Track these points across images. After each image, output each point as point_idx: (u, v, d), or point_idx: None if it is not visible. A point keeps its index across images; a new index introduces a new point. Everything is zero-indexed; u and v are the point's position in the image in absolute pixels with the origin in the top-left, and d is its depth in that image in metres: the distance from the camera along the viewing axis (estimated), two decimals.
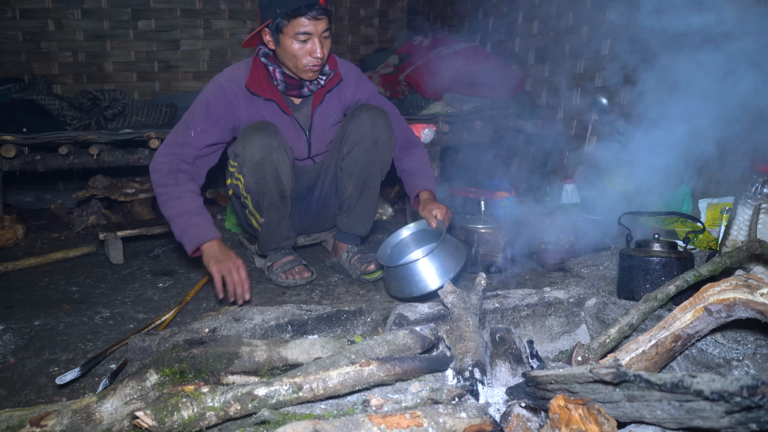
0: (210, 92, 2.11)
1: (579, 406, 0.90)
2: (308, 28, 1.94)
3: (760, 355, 1.27)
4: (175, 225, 1.99)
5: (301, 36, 1.95)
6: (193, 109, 2.10)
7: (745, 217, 1.89)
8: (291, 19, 1.93)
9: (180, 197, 1.99)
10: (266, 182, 2.08)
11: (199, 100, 2.11)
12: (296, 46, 1.97)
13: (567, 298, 1.71)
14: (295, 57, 1.99)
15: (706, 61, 2.69)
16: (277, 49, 2.03)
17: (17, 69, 4.31)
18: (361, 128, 2.18)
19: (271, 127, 2.07)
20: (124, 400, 1.15)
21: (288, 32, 1.95)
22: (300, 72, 2.05)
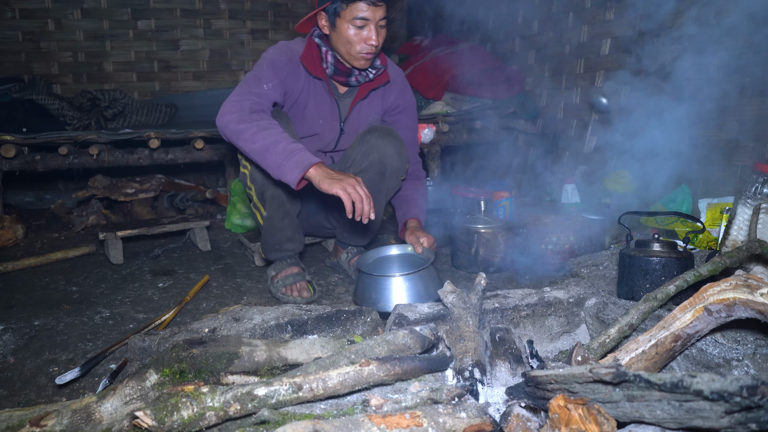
0: (276, 54, 2.03)
1: (579, 406, 0.90)
2: (366, 14, 1.92)
3: (760, 355, 1.27)
4: (272, 154, 1.76)
5: (358, 21, 1.93)
6: (261, 67, 1.99)
7: (745, 217, 1.88)
8: (350, 3, 1.91)
9: (271, 127, 1.82)
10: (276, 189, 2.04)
11: (264, 60, 2.01)
12: (352, 31, 1.95)
13: (567, 298, 1.71)
14: (349, 42, 1.97)
15: (706, 61, 2.69)
16: (332, 33, 2.01)
17: (17, 69, 4.31)
18: (369, 156, 2.09)
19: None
20: (124, 400, 1.15)
21: (345, 16, 1.93)
22: (352, 59, 2.02)
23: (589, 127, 3.49)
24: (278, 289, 2.18)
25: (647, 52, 3.04)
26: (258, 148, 1.78)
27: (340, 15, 1.94)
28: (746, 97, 2.57)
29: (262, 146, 1.78)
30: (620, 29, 3.25)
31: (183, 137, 3.43)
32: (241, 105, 1.86)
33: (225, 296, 2.23)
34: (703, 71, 2.74)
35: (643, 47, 3.06)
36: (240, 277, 2.46)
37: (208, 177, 4.52)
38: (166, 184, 3.69)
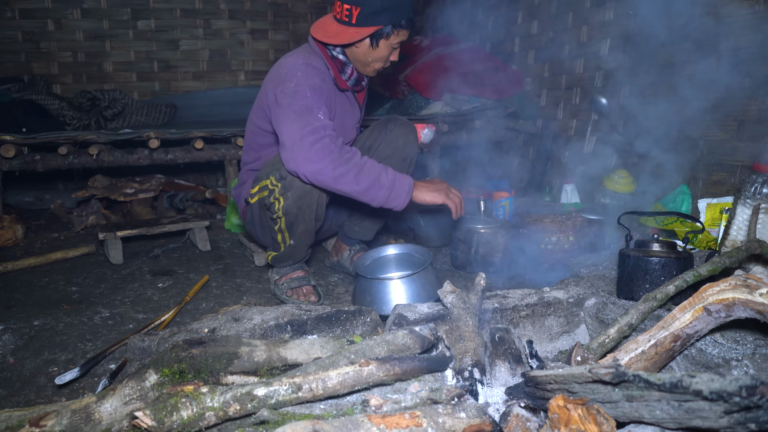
0: (310, 76, 1.92)
1: (578, 406, 0.90)
2: (406, 38, 2.01)
3: (759, 355, 1.27)
4: (380, 187, 1.85)
5: (397, 44, 2.01)
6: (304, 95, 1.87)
7: (744, 217, 1.89)
8: (401, 30, 1.96)
9: (366, 161, 1.85)
10: (309, 210, 2.00)
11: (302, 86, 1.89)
12: (388, 52, 2.01)
13: (566, 298, 1.71)
14: (378, 60, 2.03)
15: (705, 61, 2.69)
16: (367, 50, 2.00)
17: (17, 69, 4.31)
18: (393, 143, 2.19)
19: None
20: (124, 401, 1.15)
21: (392, 40, 1.97)
22: (369, 71, 2.08)
23: (588, 127, 3.49)
24: (283, 292, 2.17)
25: (647, 52, 3.04)
26: (362, 188, 1.83)
27: (389, 38, 1.96)
28: (746, 97, 2.57)
29: (366, 185, 1.83)
30: (620, 29, 3.25)
31: (183, 137, 3.43)
32: (325, 147, 1.79)
33: (225, 296, 2.23)
34: (703, 71, 2.74)
35: (642, 47, 3.06)
36: (240, 277, 2.46)
37: (208, 177, 4.52)
38: (166, 184, 3.69)
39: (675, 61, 2.86)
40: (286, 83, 1.90)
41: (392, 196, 1.86)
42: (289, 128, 1.82)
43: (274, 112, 1.93)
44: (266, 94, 2.02)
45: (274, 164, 2.00)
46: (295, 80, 1.89)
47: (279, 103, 1.89)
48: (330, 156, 1.78)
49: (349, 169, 1.80)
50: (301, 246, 2.12)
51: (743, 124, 2.59)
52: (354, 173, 1.81)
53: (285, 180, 1.94)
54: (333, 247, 2.60)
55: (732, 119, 2.64)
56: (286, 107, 1.86)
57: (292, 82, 1.89)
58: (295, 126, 1.82)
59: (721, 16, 2.65)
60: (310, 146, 1.79)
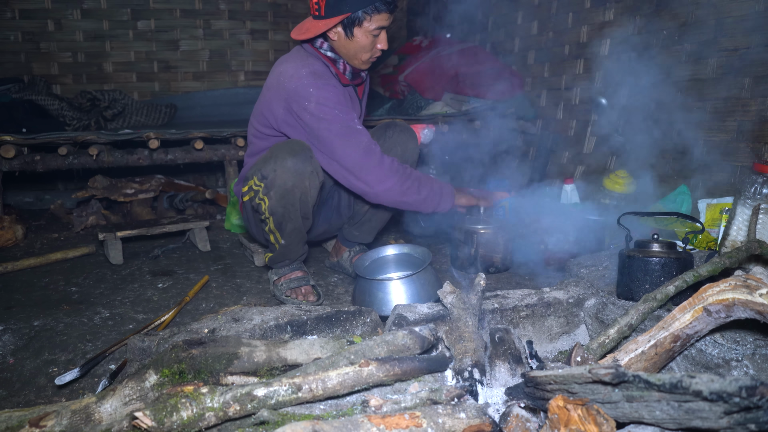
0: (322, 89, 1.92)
1: (578, 407, 0.90)
2: (385, 23, 1.92)
3: (759, 356, 1.27)
4: (432, 199, 2.04)
5: (376, 31, 1.92)
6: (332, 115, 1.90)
7: (744, 218, 1.89)
8: (374, 14, 1.89)
9: (420, 176, 2.02)
10: (294, 208, 1.99)
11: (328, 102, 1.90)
12: (368, 40, 1.94)
13: (566, 299, 1.71)
14: (363, 50, 1.97)
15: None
16: (345, 41, 1.96)
17: (17, 69, 4.32)
18: (393, 151, 2.19)
19: (306, 150, 1.96)
20: (124, 401, 1.15)
21: (367, 27, 1.91)
22: (359, 63, 2.03)
23: (588, 127, 3.49)
24: (282, 293, 2.17)
25: (647, 52, 3.04)
26: (423, 197, 2.01)
27: (361, 25, 1.91)
28: (746, 97, 2.57)
29: (425, 195, 2.01)
30: (620, 30, 3.25)
31: (183, 138, 3.43)
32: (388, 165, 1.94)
33: (224, 297, 2.23)
34: (702, 71, 2.74)
35: (642, 47, 3.06)
36: (239, 278, 2.46)
37: (208, 177, 4.52)
38: (166, 185, 3.69)
39: (675, 61, 2.86)
40: (304, 102, 1.91)
41: (443, 202, 2.06)
42: (343, 153, 1.91)
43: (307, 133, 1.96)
44: (270, 103, 2.02)
45: (257, 164, 2.01)
46: (313, 99, 1.90)
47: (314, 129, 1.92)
48: (397, 174, 1.94)
49: (413, 182, 1.97)
50: (293, 245, 2.12)
51: (743, 125, 2.59)
52: (417, 185, 1.99)
53: (267, 179, 1.95)
54: (333, 248, 2.60)
55: (732, 119, 2.65)
56: (325, 132, 1.91)
57: (311, 102, 1.90)
58: (348, 150, 1.91)
59: (722, 16, 2.65)
60: (377, 167, 1.92)
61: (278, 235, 2.08)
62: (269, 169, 1.93)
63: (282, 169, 1.91)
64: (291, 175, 1.91)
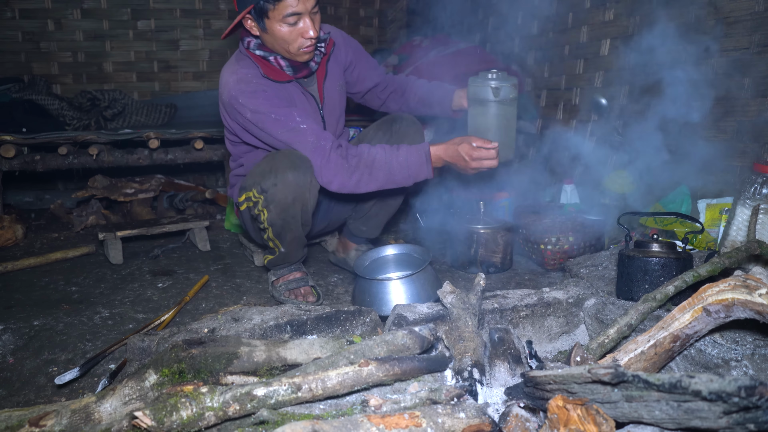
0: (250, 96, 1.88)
1: (577, 407, 0.90)
2: (297, 8, 1.77)
3: (759, 356, 1.27)
4: (398, 172, 1.88)
5: (290, 18, 1.79)
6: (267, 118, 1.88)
7: (744, 218, 1.89)
8: (277, 2, 1.75)
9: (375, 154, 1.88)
10: (294, 219, 1.97)
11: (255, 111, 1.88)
12: (285, 29, 1.81)
13: (566, 299, 1.71)
14: (286, 41, 1.84)
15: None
16: (264, 36, 1.87)
17: (17, 69, 4.31)
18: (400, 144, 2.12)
19: (306, 161, 1.90)
20: (123, 400, 1.15)
21: (275, 16, 1.78)
22: (294, 56, 1.91)
23: (588, 127, 3.49)
24: (281, 293, 2.17)
25: (646, 52, 3.04)
26: (382, 182, 1.89)
27: (269, 16, 1.79)
28: (745, 98, 2.57)
29: (384, 178, 1.88)
30: (620, 29, 3.25)
31: (183, 137, 3.43)
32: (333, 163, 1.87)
33: (224, 296, 2.23)
34: (702, 71, 2.74)
35: (642, 47, 3.06)
36: (239, 278, 2.46)
37: (208, 177, 4.52)
38: (166, 185, 3.69)
39: (675, 61, 2.86)
40: (239, 115, 1.92)
41: (413, 173, 1.88)
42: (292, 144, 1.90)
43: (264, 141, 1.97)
44: (224, 116, 2.05)
45: (255, 176, 1.95)
46: (247, 109, 1.88)
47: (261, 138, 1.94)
48: (341, 169, 1.86)
49: (362, 172, 1.86)
50: (293, 251, 2.12)
51: (743, 125, 2.59)
52: (368, 173, 1.87)
53: (267, 193, 1.91)
54: (338, 243, 2.57)
55: (731, 119, 2.65)
56: (269, 139, 1.92)
57: (246, 112, 1.89)
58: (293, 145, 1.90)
59: (722, 16, 2.65)
60: (324, 166, 1.87)
61: (278, 242, 2.07)
62: (269, 183, 1.89)
63: (283, 184, 1.87)
64: (292, 189, 1.88)
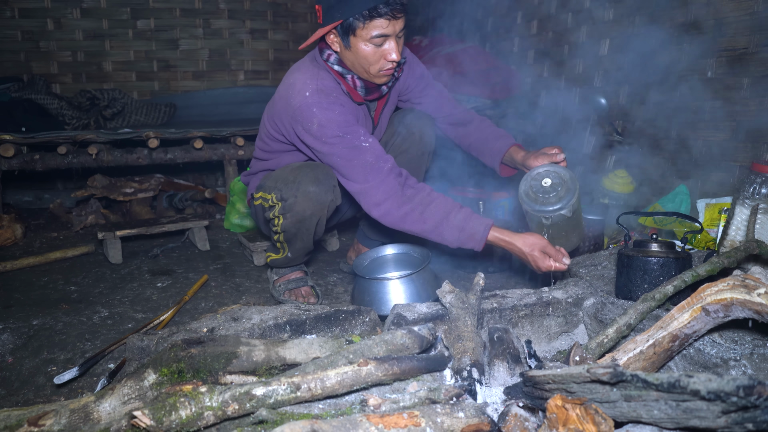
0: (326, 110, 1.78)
1: (576, 406, 0.90)
2: (386, 30, 1.70)
3: (758, 355, 1.27)
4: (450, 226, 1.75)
5: (377, 39, 1.72)
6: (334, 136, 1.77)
7: (743, 218, 1.89)
8: (367, 21, 1.68)
9: (435, 198, 1.77)
10: (308, 231, 1.97)
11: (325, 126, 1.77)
12: (370, 49, 1.75)
13: (565, 298, 1.71)
14: (368, 61, 1.78)
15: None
16: (345, 52, 1.81)
17: (16, 68, 4.31)
18: (410, 138, 2.11)
19: (330, 178, 1.88)
20: (122, 400, 1.15)
21: (362, 35, 1.71)
22: (372, 77, 1.84)
23: (587, 127, 3.49)
24: (280, 293, 2.17)
25: (646, 52, 3.04)
26: (429, 226, 1.76)
27: (356, 33, 1.72)
28: (745, 97, 2.57)
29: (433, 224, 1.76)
30: (619, 29, 3.25)
31: (182, 137, 3.43)
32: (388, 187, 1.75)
33: (224, 296, 2.23)
34: (702, 71, 2.74)
35: (641, 47, 3.06)
36: (239, 277, 2.46)
37: (207, 177, 4.52)
38: (165, 184, 3.69)
39: (674, 61, 2.86)
40: (307, 124, 1.79)
41: (463, 239, 1.75)
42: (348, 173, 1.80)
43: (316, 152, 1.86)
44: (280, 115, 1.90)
45: (277, 181, 1.93)
46: (315, 121, 1.77)
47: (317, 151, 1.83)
48: (394, 196, 1.75)
49: (414, 207, 1.75)
50: (299, 257, 2.12)
51: (741, 124, 2.59)
52: (419, 211, 1.75)
53: (285, 202, 1.90)
54: (352, 248, 2.56)
55: (730, 119, 2.65)
56: (328, 156, 1.80)
57: (313, 124, 1.78)
58: (352, 172, 1.78)
59: (721, 16, 2.65)
60: (376, 187, 1.76)
61: (286, 247, 2.07)
62: (290, 193, 1.87)
63: (303, 197, 1.86)
64: (311, 204, 1.87)
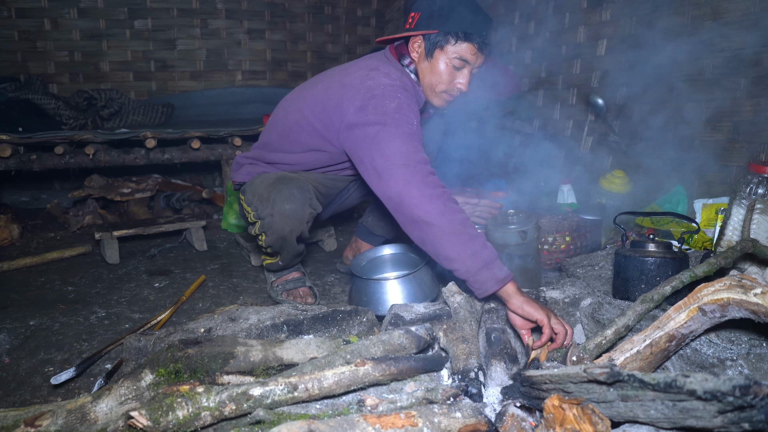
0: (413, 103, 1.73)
1: (573, 406, 0.90)
2: (470, 57, 1.79)
3: (754, 355, 1.28)
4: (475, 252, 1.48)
5: (458, 62, 1.79)
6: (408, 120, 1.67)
7: (740, 218, 1.89)
8: (459, 41, 1.76)
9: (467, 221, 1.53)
10: (290, 244, 1.95)
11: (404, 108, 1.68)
12: (447, 68, 1.81)
13: (563, 298, 1.72)
14: (440, 79, 1.82)
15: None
16: (423, 63, 1.84)
17: (13, 68, 4.30)
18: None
19: (305, 192, 1.86)
20: (119, 400, 1.15)
21: (448, 51, 1.78)
22: (433, 95, 1.88)
23: (585, 127, 3.49)
24: (278, 294, 2.17)
25: (643, 52, 3.04)
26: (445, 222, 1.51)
27: (443, 49, 1.79)
28: (741, 98, 2.58)
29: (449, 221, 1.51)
30: (616, 30, 3.26)
31: (179, 137, 3.42)
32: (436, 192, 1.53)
33: (221, 296, 2.23)
34: (699, 72, 2.75)
35: (638, 48, 3.07)
36: (236, 277, 2.46)
37: (205, 177, 4.51)
38: (163, 184, 3.69)
39: (671, 62, 2.87)
40: (385, 100, 1.68)
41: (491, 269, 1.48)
42: (399, 148, 1.59)
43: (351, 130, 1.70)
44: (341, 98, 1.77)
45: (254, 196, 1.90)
46: (395, 101, 1.68)
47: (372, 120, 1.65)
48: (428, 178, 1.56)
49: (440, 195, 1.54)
50: (290, 261, 2.12)
51: (738, 125, 2.60)
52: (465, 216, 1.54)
53: (263, 221, 1.88)
54: (349, 247, 2.54)
55: (727, 120, 2.65)
56: (391, 125, 1.62)
57: (393, 102, 1.68)
58: (406, 147, 1.59)
59: (718, 16, 2.66)
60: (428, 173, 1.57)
61: (276, 256, 2.09)
62: (266, 212, 1.86)
63: (280, 216, 1.84)
64: (289, 222, 1.86)
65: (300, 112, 1.92)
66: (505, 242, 2.00)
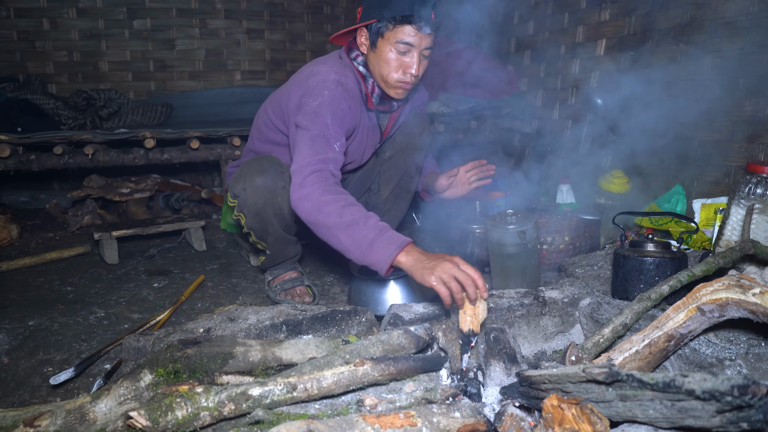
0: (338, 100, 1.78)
1: (572, 406, 0.91)
2: (412, 39, 1.77)
3: (753, 355, 1.28)
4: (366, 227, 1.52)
5: (401, 46, 1.78)
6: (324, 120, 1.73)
7: (738, 218, 1.89)
8: (397, 25, 1.76)
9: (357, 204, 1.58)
10: (270, 223, 1.96)
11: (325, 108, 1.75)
12: (393, 55, 1.81)
13: (561, 298, 1.72)
14: (387, 67, 1.83)
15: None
16: (370, 53, 1.87)
17: (12, 68, 4.30)
18: (410, 134, 2.15)
19: (275, 166, 1.89)
20: (118, 401, 1.15)
21: (389, 38, 1.79)
22: (387, 87, 1.88)
23: (584, 127, 3.50)
24: (276, 294, 2.16)
25: (642, 53, 3.05)
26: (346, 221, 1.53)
27: (384, 36, 1.79)
28: (740, 97, 2.58)
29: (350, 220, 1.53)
30: (615, 30, 3.26)
31: (178, 137, 3.42)
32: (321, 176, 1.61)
33: (220, 296, 2.23)
34: (697, 72, 2.75)
35: (637, 48, 3.07)
36: (235, 277, 2.46)
37: (204, 177, 4.51)
38: (162, 184, 3.68)
39: (670, 61, 2.87)
40: (310, 98, 1.77)
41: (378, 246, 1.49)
42: (300, 153, 1.68)
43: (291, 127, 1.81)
44: (289, 95, 1.89)
45: (232, 180, 1.97)
46: (319, 99, 1.76)
47: (298, 123, 1.76)
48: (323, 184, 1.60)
49: (336, 199, 1.57)
50: (279, 250, 2.11)
51: (737, 125, 2.60)
52: (341, 204, 1.55)
53: (239, 198, 1.94)
54: None
55: (726, 120, 2.66)
56: (303, 130, 1.73)
57: (316, 100, 1.76)
58: (306, 152, 1.67)
59: (716, 16, 2.66)
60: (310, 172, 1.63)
61: (263, 243, 2.09)
62: (239, 188, 1.92)
63: (251, 189, 1.88)
64: (261, 194, 1.88)
65: (265, 112, 2.07)
66: (504, 242, 2.00)
